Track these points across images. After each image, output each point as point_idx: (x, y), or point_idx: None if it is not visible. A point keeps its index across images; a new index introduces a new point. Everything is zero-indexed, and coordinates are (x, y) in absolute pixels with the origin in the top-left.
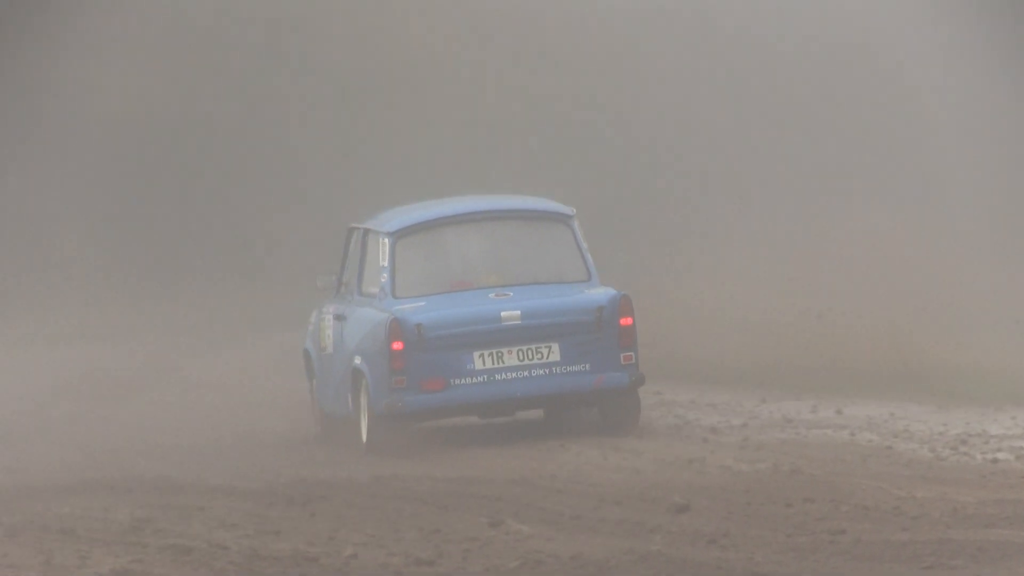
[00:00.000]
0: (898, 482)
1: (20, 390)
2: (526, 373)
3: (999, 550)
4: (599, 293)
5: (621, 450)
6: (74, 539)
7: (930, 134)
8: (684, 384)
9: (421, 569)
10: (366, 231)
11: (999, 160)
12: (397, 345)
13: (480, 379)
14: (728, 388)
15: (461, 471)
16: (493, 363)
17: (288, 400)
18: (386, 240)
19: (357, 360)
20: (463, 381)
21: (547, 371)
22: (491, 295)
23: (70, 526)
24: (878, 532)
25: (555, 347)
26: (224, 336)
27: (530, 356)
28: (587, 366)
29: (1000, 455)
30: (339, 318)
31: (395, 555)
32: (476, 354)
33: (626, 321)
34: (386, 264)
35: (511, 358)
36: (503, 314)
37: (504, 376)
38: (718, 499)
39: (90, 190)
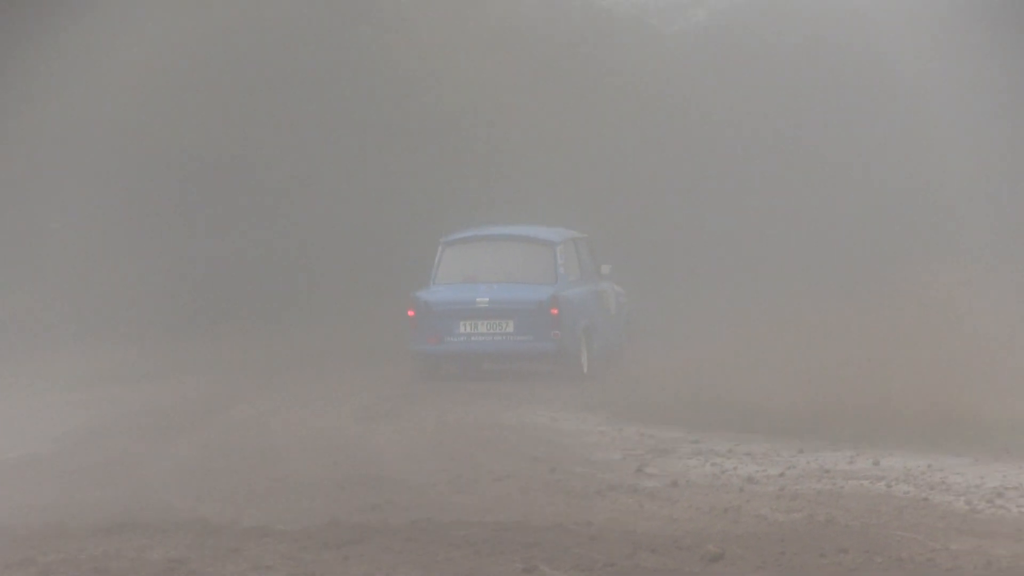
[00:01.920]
0: (933, 534)
1: (61, 429)
2: (491, 337)
3: None
4: (543, 291)
5: (657, 498)
6: None
7: (986, 192)
8: (722, 432)
9: None
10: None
11: None
12: (411, 313)
13: (462, 339)
14: (766, 437)
15: (496, 516)
16: (471, 329)
17: (327, 442)
18: (441, 247)
19: None
20: (451, 339)
21: (504, 337)
22: (481, 287)
23: (104, 566)
24: None
25: (511, 322)
26: (261, 377)
27: (494, 327)
28: (530, 337)
29: None
30: None
31: None
32: (461, 322)
33: (554, 311)
34: (437, 262)
35: (482, 327)
36: (478, 299)
37: (477, 338)
38: (752, 548)
39: (134, 229)
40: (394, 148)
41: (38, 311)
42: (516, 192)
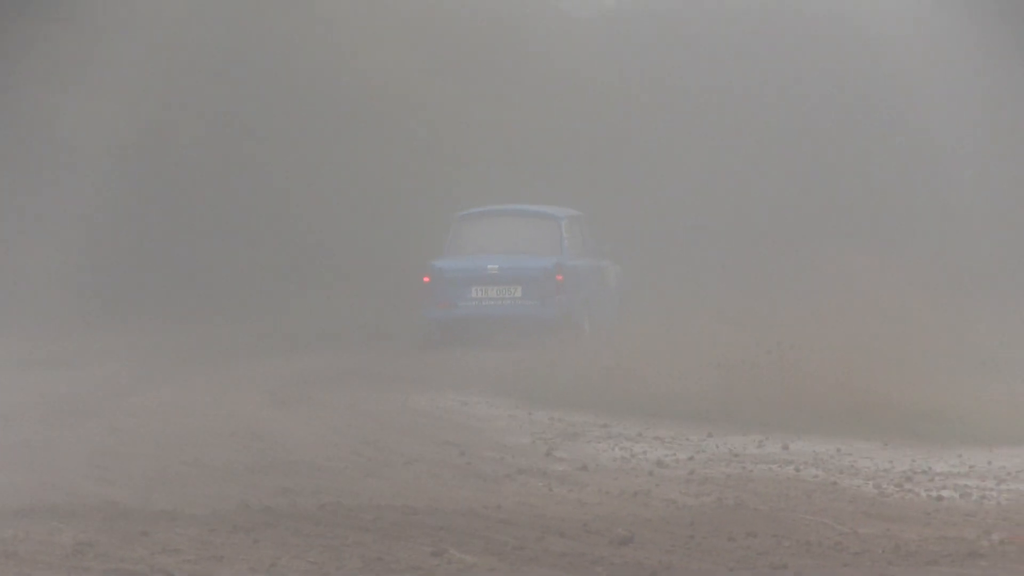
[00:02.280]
0: (841, 518)
1: None
2: (500, 302)
3: None
4: (548, 261)
5: (566, 481)
6: (16, 562)
7: (902, 177)
8: (632, 417)
9: None
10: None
11: (971, 208)
12: (426, 279)
13: (473, 303)
14: (676, 422)
15: (406, 500)
16: (482, 295)
17: (238, 426)
18: (455, 221)
19: None
20: (463, 304)
21: (512, 302)
22: (491, 256)
23: (12, 549)
24: (819, 568)
25: (519, 288)
26: (176, 365)
27: (504, 293)
28: (536, 302)
29: (944, 493)
30: None
31: None
32: (473, 288)
33: (559, 278)
34: (450, 234)
35: (492, 292)
36: (488, 267)
37: (488, 303)
38: (661, 532)
39: (47, 216)
40: (330, 143)
41: None
42: (458, 178)
